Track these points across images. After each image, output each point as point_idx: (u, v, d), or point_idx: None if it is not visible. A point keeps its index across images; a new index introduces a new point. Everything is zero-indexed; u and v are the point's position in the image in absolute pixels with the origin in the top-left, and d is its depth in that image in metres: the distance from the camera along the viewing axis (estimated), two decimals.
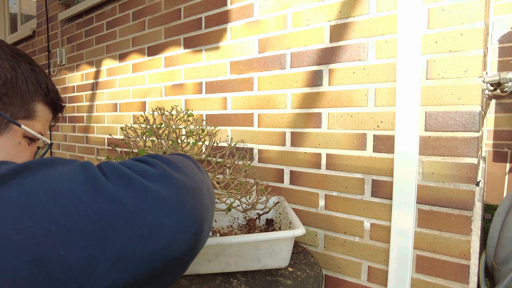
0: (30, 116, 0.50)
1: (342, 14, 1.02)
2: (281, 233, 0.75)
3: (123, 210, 0.28)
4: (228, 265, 0.77)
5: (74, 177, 0.29)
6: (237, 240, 0.73)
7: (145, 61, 1.66)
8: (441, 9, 0.86)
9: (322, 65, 1.06)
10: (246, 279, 0.77)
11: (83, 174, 0.29)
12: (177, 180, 0.34)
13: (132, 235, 0.28)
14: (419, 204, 0.90)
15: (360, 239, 1.01)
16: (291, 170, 1.15)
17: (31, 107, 0.50)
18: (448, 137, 0.86)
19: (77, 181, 0.28)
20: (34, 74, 0.50)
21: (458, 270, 0.86)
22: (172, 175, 0.34)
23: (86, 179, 0.29)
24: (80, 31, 2.10)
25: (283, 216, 0.99)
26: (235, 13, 1.28)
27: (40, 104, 0.52)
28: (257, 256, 0.78)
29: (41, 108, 0.52)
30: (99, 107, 1.98)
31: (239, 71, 1.28)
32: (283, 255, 0.79)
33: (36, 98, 0.50)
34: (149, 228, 0.29)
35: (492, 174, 1.89)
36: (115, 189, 0.29)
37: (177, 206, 0.31)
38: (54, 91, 0.54)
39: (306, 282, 0.77)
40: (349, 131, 1.02)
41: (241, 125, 1.28)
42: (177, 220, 0.31)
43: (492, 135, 1.86)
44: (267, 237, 0.74)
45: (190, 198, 0.33)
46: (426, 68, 0.88)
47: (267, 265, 0.80)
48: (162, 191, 0.31)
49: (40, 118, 0.52)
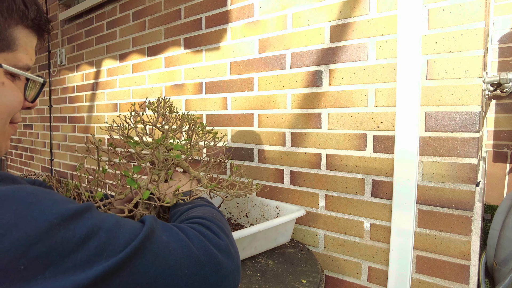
0: (9, 47, 0.39)
1: (342, 15, 1.02)
2: (292, 215, 0.94)
3: (207, 282, 0.41)
4: (255, 249, 0.91)
5: (174, 249, 0.40)
6: (264, 226, 0.86)
7: (145, 61, 1.66)
8: (441, 10, 0.86)
9: (322, 65, 1.06)
10: (266, 256, 0.95)
11: (180, 247, 0.41)
12: (235, 256, 0.47)
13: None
14: (419, 204, 0.90)
15: (360, 239, 1.01)
16: (291, 170, 1.15)
17: (9, 35, 0.39)
18: (448, 138, 0.86)
19: (178, 254, 0.40)
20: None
21: (458, 271, 0.86)
22: (232, 250, 0.47)
23: (185, 255, 0.40)
24: (80, 31, 2.10)
25: (249, 207, 1.15)
26: (235, 13, 1.28)
27: (20, 29, 0.41)
28: (275, 237, 0.94)
29: (22, 34, 0.41)
30: (99, 107, 1.98)
31: (239, 71, 1.28)
32: (289, 233, 0.99)
33: (12, 21, 0.39)
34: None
35: (492, 174, 1.89)
36: (203, 264, 0.41)
37: (233, 279, 0.45)
38: (33, 8, 0.42)
39: (301, 248, 1.03)
40: (349, 131, 1.02)
41: (241, 125, 1.28)
42: (232, 287, 0.45)
43: (492, 136, 1.86)
44: (285, 220, 0.91)
45: (238, 270, 0.47)
46: (426, 68, 0.88)
47: (280, 242, 0.98)
48: (228, 268, 0.44)
49: (23, 47, 0.41)
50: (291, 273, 0.84)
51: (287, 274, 0.83)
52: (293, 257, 0.94)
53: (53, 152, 2.44)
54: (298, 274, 0.83)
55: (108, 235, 0.34)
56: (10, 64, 0.40)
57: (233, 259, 0.46)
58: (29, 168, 2.81)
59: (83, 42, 2.09)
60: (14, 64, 0.40)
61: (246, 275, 0.82)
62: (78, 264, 0.31)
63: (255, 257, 0.93)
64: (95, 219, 0.35)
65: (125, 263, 0.33)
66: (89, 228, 0.33)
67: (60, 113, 2.35)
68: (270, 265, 0.88)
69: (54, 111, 2.42)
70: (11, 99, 0.41)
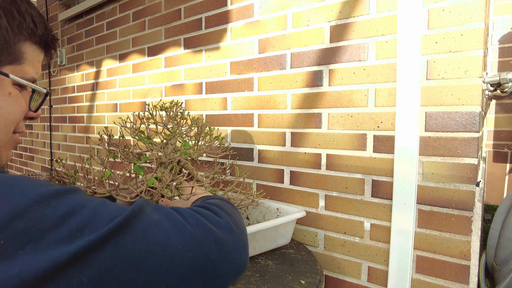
0: (17, 60, 0.42)
1: (342, 15, 1.02)
2: (291, 216, 0.94)
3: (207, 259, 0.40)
4: (255, 249, 0.91)
5: (166, 227, 0.38)
6: (263, 226, 0.86)
7: (145, 61, 1.66)
8: (441, 10, 0.86)
9: (322, 65, 1.06)
10: (265, 256, 0.95)
11: (173, 224, 0.39)
12: (238, 233, 0.46)
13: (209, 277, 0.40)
14: (419, 204, 0.90)
15: (360, 239, 1.01)
16: (291, 170, 1.15)
17: (17, 49, 0.42)
18: (448, 138, 0.86)
19: (170, 231, 0.38)
20: (15, 5, 0.41)
21: (458, 271, 0.86)
22: (233, 227, 0.46)
23: (178, 231, 0.39)
24: (81, 31, 2.10)
25: (250, 209, 1.16)
26: (235, 13, 1.28)
27: (28, 44, 0.43)
28: (275, 238, 0.95)
29: (30, 49, 0.44)
30: (99, 107, 1.98)
31: (239, 71, 1.28)
32: (289, 234, 0.99)
33: (21, 37, 0.42)
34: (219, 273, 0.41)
35: (492, 174, 1.89)
36: (200, 240, 0.40)
37: (239, 256, 0.44)
38: (42, 26, 0.45)
39: (301, 249, 1.03)
40: (349, 132, 1.02)
41: (241, 126, 1.28)
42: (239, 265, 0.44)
43: (492, 136, 1.86)
44: (285, 220, 0.91)
45: (244, 247, 0.46)
46: (426, 68, 0.88)
47: (279, 243, 0.98)
48: (230, 245, 0.43)
49: (30, 60, 0.44)
50: (290, 274, 0.84)
51: (286, 274, 0.83)
52: (293, 257, 0.94)
53: (53, 152, 2.44)
54: (297, 275, 0.83)
55: (92, 213, 0.34)
56: (18, 76, 0.42)
57: (235, 235, 0.44)
58: (29, 168, 2.81)
59: (83, 42, 2.09)
60: (21, 76, 0.43)
61: (244, 276, 0.82)
62: (59, 239, 0.30)
63: (255, 257, 0.93)
64: (79, 199, 0.34)
65: (108, 239, 0.32)
66: (71, 206, 0.33)
67: (60, 113, 2.35)
68: (269, 266, 0.88)
69: (54, 111, 2.42)
70: (16, 108, 0.43)
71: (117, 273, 0.32)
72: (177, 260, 0.37)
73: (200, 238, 0.40)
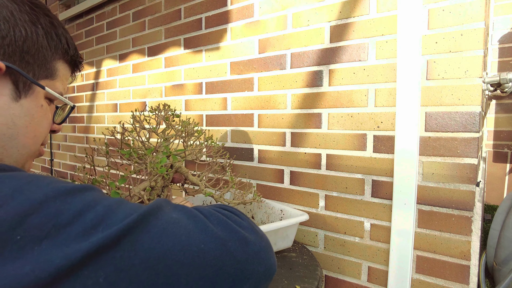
0: (51, 76, 0.47)
1: (342, 15, 1.02)
2: (294, 219, 0.92)
3: (233, 259, 0.37)
4: None
5: (186, 225, 0.36)
6: (265, 228, 0.84)
7: (145, 62, 1.66)
8: (441, 10, 0.86)
9: (322, 65, 1.06)
10: None
11: (194, 222, 0.37)
12: (262, 234, 0.43)
13: (236, 279, 0.36)
14: (419, 204, 0.90)
15: (360, 239, 1.01)
16: (291, 170, 1.15)
17: (52, 66, 0.47)
18: (448, 138, 0.86)
19: (191, 229, 0.36)
20: (54, 29, 0.46)
21: (458, 271, 0.86)
22: (256, 227, 0.43)
23: (199, 230, 0.36)
24: (81, 31, 2.10)
25: (255, 209, 1.14)
26: (235, 13, 1.28)
27: (61, 62, 0.48)
28: (274, 241, 0.93)
29: (62, 67, 0.49)
30: (99, 107, 1.98)
31: (239, 71, 1.28)
32: (291, 238, 0.97)
33: (56, 56, 0.47)
34: (247, 274, 0.38)
35: (492, 174, 1.89)
36: (224, 239, 0.37)
37: (267, 256, 0.41)
38: (73, 47, 0.50)
39: (304, 253, 1.00)
40: (349, 132, 1.02)
41: (241, 126, 1.28)
42: (269, 265, 0.40)
43: (492, 136, 1.86)
44: (284, 224, 0.89)
45: (270, 248, 0.42)
46: (426, 68, 0.88)
47: (280, 247, 0.96)
48: (257, 244, 0.40)
49: (61, 77, 0.49)
50: (286, 278, 0.82)
51: (282, 279, 0.81)
52: (293, 261, 0.93)
53: (53, 152, 2.44)
54: (293, 280, 0.81)
55: (107, 210, 0.33)
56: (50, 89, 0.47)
57: (260, 236, 0.41)
58: None
59: (83, 42, 2.09)
60: (53, 90, 0.48)
61: None
62: (73, 236, 0.30)
63: None
64: (94, 196, 0.34)
65: (123, 236, 0.31)
66: (86, 202, 0.32)
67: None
68: None
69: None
70: (46, 121, 0.47)
71: (135, 274, 0.31)
72: (199, 260, 0.34)
73: (223, 237, 0.37)
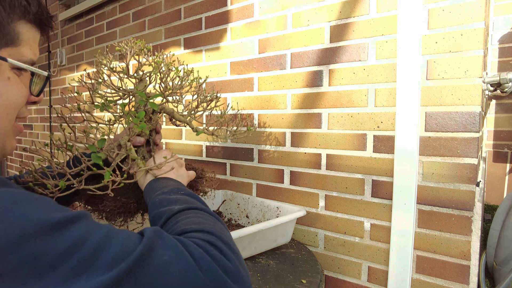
0: (13, 42, 0.40)
1: (342, 15, 1.02)
2: (292, 215, 0.94)
3: None
4: (255, 249, 0.91)
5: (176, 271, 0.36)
6: (263, 226, 0.86)
7: None
8: (441, 10, 0.86)
9: (322, 65, 1.06)
10: (266, 256, 0.95)
11: (184, 269, 0.37)
12: (245, 276, 0.43)
13: None
14: (419, 204, 0.90)
15: (360, 239, 1.01)
16: (291, 170, 1.15)
17: (12, 30, 0.39)
18: (448, 138, 0.86)
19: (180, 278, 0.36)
20: None
21: (458, 271, 0.86)
22: (242, 271, 0.43)
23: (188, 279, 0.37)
24: (81, 31, 2.10)
25: (250, 208, 1.15)
26: (235, 13, 1.28)
27: (23, 24, 0.41)
28: (274, 237, 0.95)
29: (25, 29, 0.41)
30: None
31: (239, 71, 1.28)
32: (289, 233, 1.00)
33: (14, 17, 0.40)
34: None
35: (492, 174, 1.89)
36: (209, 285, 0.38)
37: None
38: (35, 3, 0.42)
39: (301, 248, 1.03)
40: (349, 132, 1.02)
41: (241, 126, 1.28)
42: None
43: (492, 136, 1.86)
44: (285, 220, 0.91)
45: (248, 282, 0.43)
46: (426, 68, 0.88)
47: (280, 242, 0.98)
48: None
49: (26, 42, 0.42)
50: (291, 273, 0.84)
51: (287, 274, 0.83)
52: (293, 257, 0.94)
53: (53, 152, 2.44)
54: (298, 274, 0.83)
55: (95, 249, 0.31)
56: (15, 59, 0.41)
57: (243, 282, 0.42)
58: (29, 168, 2.81)
59: (83, 42, 2.09)
60: (19, 59, 0.41)
61: None
62: (57, 281, 0.28)
63: (255, 257, 0.93)
64: (82, 231, 0.32)
65: (112, 286, 0.30)
66: (72, 241, 0.30)
67: (60, 113, 2.35)
68: (270, 265, 0.88)
69: (54, 111, 2.42)
70: (17, 93, 0.41)
71: None
72: None
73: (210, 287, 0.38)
